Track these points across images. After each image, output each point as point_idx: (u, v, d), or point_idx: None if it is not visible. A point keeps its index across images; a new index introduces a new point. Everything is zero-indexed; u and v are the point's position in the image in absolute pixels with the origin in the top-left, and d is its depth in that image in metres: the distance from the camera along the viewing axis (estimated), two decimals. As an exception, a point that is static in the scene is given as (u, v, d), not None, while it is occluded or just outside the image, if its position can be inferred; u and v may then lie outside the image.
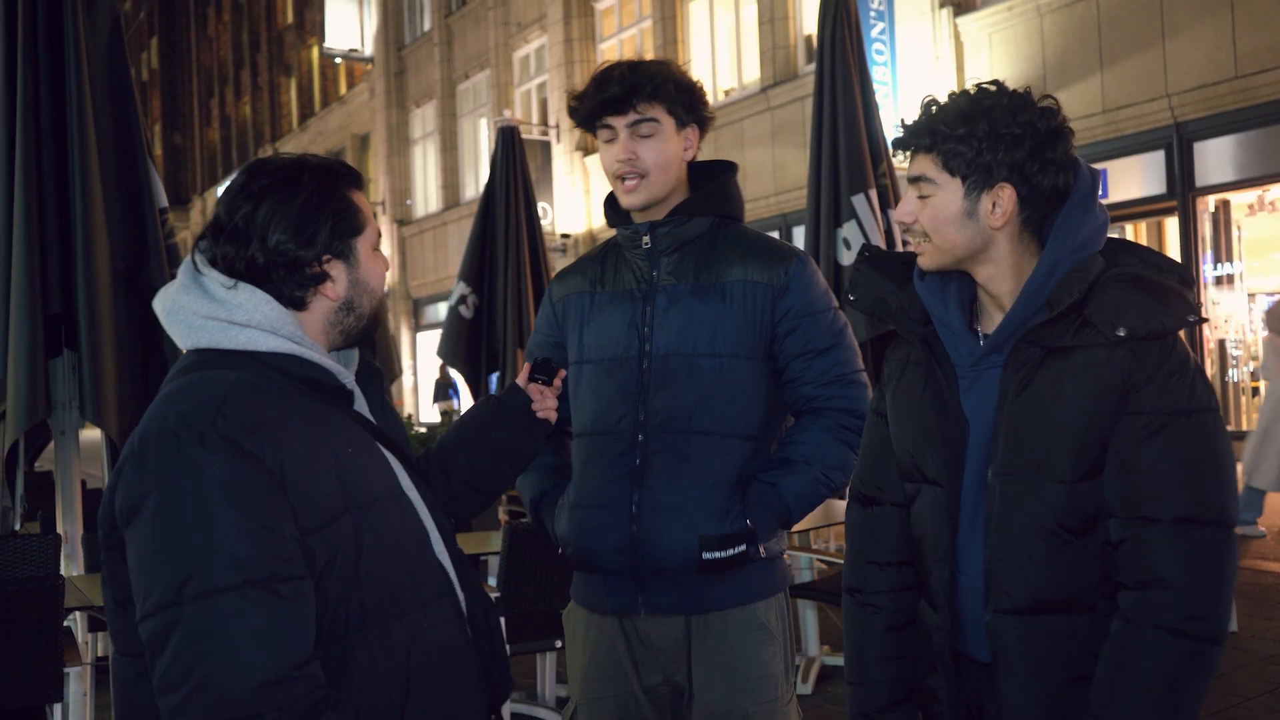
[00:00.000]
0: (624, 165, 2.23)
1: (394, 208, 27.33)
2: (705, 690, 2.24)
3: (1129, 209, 12.23)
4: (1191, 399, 1.68)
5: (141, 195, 4.08)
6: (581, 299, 2.36)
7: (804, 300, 2.26)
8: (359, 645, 1.53)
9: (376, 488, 1.61)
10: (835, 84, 5.57)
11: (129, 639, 1.52)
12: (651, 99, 2.23)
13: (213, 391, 1.51)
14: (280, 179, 1.60)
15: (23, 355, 3.59)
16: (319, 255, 1.61)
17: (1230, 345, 11.96)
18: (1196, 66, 11.24)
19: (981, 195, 1.76)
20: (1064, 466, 1.71)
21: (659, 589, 2.23)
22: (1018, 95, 1.78)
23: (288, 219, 1.58)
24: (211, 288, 1.59)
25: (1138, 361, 1.68)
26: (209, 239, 1.62)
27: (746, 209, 2.47)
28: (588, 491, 2.27)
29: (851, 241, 5.44)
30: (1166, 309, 1.69)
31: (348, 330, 1.70)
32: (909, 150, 1.83)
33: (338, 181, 1.64)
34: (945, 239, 1.79)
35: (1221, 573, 1.66)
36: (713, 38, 17.86)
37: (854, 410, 2.27)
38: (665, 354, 2.23)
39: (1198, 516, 1.65)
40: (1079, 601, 1.73)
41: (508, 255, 7.78)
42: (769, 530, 2.24)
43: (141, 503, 1.44)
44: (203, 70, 43.15)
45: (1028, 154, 1.73)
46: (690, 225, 2.28)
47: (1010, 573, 1.75)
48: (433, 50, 25.54)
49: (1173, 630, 1.64)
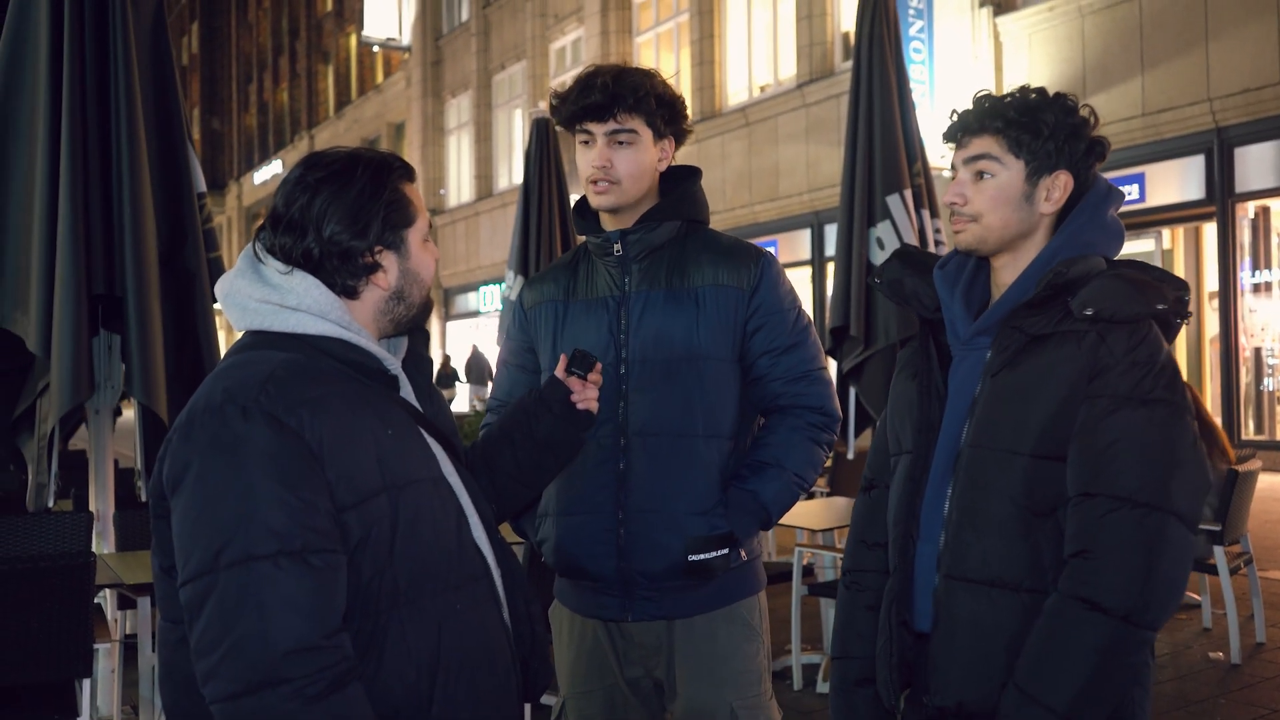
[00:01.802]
0: (598, 171, 2.27)
1: (427, 197, 27.44)
2: (689, 686, 2.28)
3: (1167, 214, 12.09)
4: (1153, 389, 1.74)
5: (181, 179, 4.11)
6: (554, 307, 2.39)
7: (771, 298, 2.31)
8: (391, 623, 1.57)
9: (415, 470, 1.65)
10: (872, 82, 5.54)
11: (173, 605, 1.58)
12: (632, 110, 2.26)
13: (260, 369, 1.57)
14: (335, 171, 1.66)
15: (68, 336, 3.62)
16: (371, 246, 1.66)
17: (1266, 354, 11.82)
18: (1239, 70, 11.09)
19: (1040, 180, 1.87)
20: (1028, 443, 1.79)
21: (646, 595, 2.27)
22: (1064, 97, 1.89)
23: (342, 210, 1.64)
24: (268, 274, 1.66)
25: (1106, 348, 1.76)
26: (268, 229, 1.69)
27: (780, 205, 2.51)
28: (572, 498, 2.30)
29: (885, 241, 5.41)
30: (1138, 297, 1.77)
31: (398, 319, 1.75)
32: (974, 133, 1.90)
33: (390, 174, 1.69)
34: (999, 218, 1.88)
35: (1150, 556, 1.69)
36: (750, 33, 17.80)
37: (820, 407, 2.33)
38: (642, 359, 2.27)
39: (1133, 497, 1.70)
40: (1027, 582, 1.79)
41: (540, 247, 7.84)
42: (749, 535, 2.30)
43: (185, 472, 1.51)
44: (242, 56, 43.47)
45: (1086, 148, 1.87)
46: (659, 231, 2.32)
47: (968, 541, 1.83)
48: (470, 40, 25.60)
49: (1089, 602, 1.70)
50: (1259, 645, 5.34)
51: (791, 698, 4.71)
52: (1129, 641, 1.69)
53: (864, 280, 5.38)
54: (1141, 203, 12.07)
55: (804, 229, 16.25)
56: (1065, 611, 1.72)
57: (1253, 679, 4.86)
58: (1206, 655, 5.22)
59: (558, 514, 2.32)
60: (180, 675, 1.58)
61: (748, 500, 2.26)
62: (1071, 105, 1.88)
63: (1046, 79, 12.85)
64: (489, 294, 24.15)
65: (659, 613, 2.28)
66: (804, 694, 4.77)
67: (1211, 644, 5.39)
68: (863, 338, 5.35)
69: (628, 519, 2.24)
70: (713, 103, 18.02)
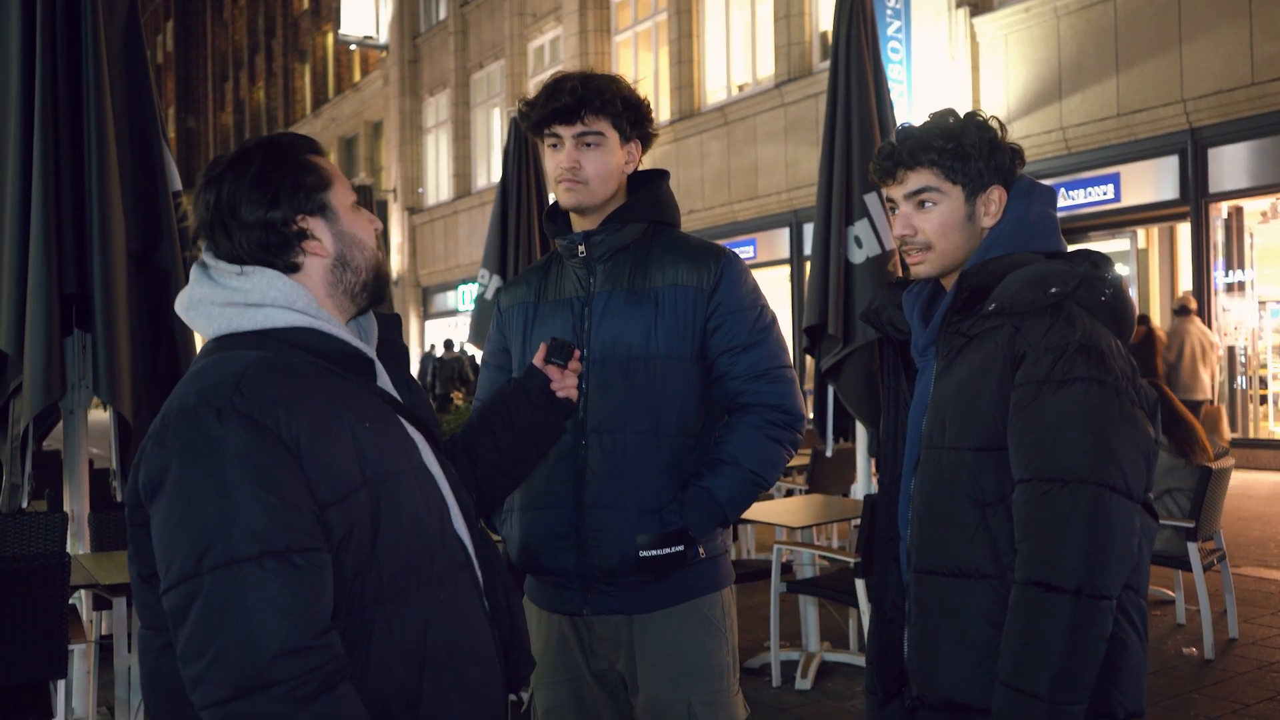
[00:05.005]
0: (566, 172, 2.32)
1: (405, 196, 27.34)
2: (648, 681, 2.31)
3: (1141, 214, 12.19)
4: (1070, 369, 1.81)
5: (156, 177, 4.09)
6: (525, 309, 2.44)
7: (730, 296, 2.33)
8: (377, 617, 1.57)
9: (395, 461, 1.64)
10: (850, 81, 5.56)
11: (153, 614, 1.57)
12: (599, 113, 2.31)
13: (232, 369, 1.55)
14: (232, 160, 1.68)
15: (39, 335, 3.60)
16: (290, 214, 1.66)
17: (1239, 353, 11.93)
18: (1213, 72, 11.19)
19: (977, 199, 2.00)
20: (970, 438, 1.89)
21: (604, 590, 2.30)
22: (975, 115, 2.04)
23: (247, 188, 1.64)
24: (221, 278, 1.65)
25: (1022, 337, 1.86)
26: (201, 237, 1.69)
27: (759, 204, 2.54)
28: (533, 494, 2.34)
29: (863, 240, 5.42)
30: (1035, 287, 1.87)
31: (350, 288, 1.73)
32: (909, 168, 2.01)
33: (288, 147, 1.70)
34: (950, 243, 2.00)
35: (1090, 530, 1.75)
36: (728, 32, 17.83)
37: (780, 405, 2.34)
38: (602, 359, 2.31)
39: (1062, 476, 1.78)
40: (986, 567, 1.87)
41: (519, 245, 7.82)
42: (705, 532, 2.32)
43: (163, 478, 1.49)
44: (217, 54, 43.20)
45: (1008, 158, 2.00)
46: (624, 232, 2.36)
47: (928, 536, 1.95)
48: (447, 39, 25.54)
49: (1043, 584, 1.77)
50: (1232, 641, 5.39)
51: (770, 695, 4.73)
52: (1090, 614, 1.75)
53: (842, 278, 5.40)
54: (1116, 202, 12.17)
55: (783, 228, 16.29)
56: (1025, 599, 1.79)
57: (1226, 674, 4.91)
58: (1180, 650, 5.26)
59: (521, 509, 2.36)
60: (166, 683, 1.56)
61: (703, 497, 2.29)
62: (983, 121, 2.02)
63: (1023, 79, 12.93)
64: (467, 292, 24.10)
65: (618, 607, 2.31)
66: (783, 690, 4.79)
67: (1185, 639, 5.43)
68: (841, 336, 5.36)
69: (585, 515, 2.28)
70: (691, 102, 18.04)
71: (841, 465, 6.89)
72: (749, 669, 4.99)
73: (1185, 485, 5.46)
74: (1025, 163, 2.05)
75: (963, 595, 1.89)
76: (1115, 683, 1.84)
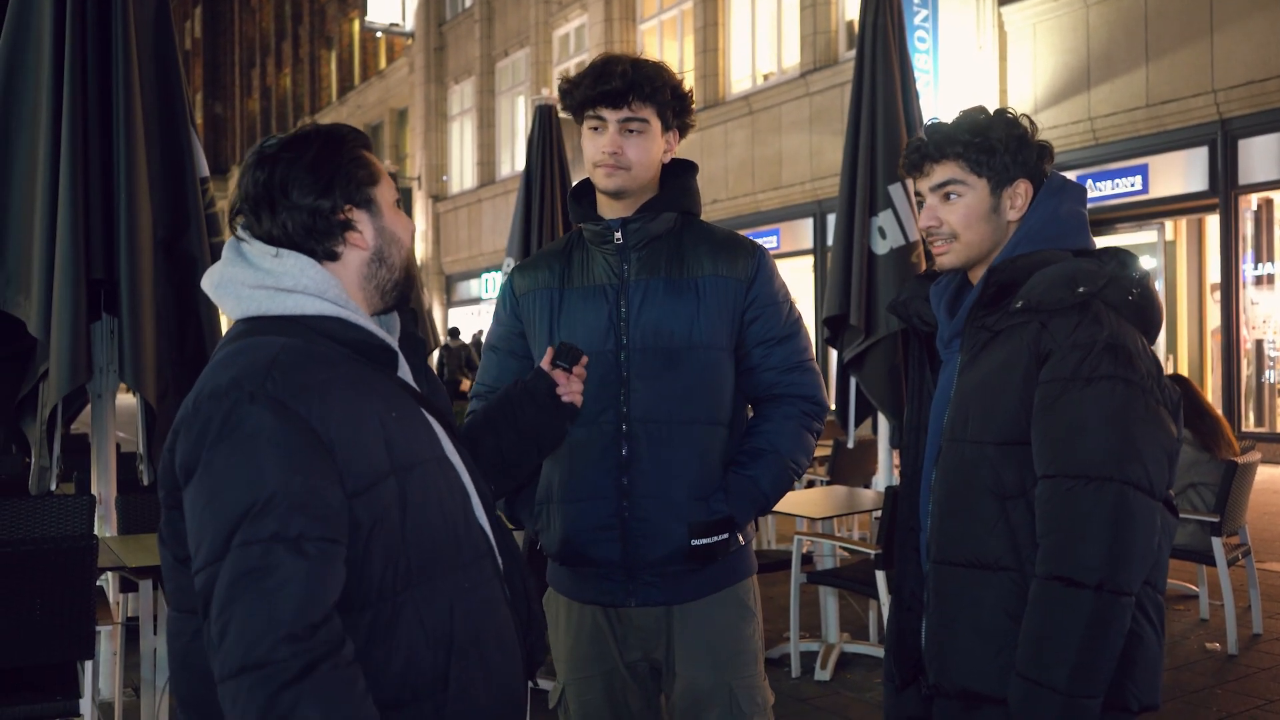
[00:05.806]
0: (609, 157, 2.30)
1: (429, 183, 27.41)
2: (688, 668, 2.32)
3: (1170, 205, 12.07)
4: (1096, 368, 1.83)
5: (183, 163, 4.12)
6: (549, 294, 2.39)
7: (767, 290, 2.36)
8: (405, 604, 1.58)
9: (420, 450, 1.66)
10: (876, 71, 5.53)
11: (185, 596, 1.59)
12: (647, 100, 2.29)
13: (263, 354, 1.57)
14: (287, 143, 1.69)
15: (66, 320, 3.64)
16: (339, 203, 1.67)
17: (1268, 346, 11.81)
18: (1244, 62, 11.06)
19: (1003, 192, 2.02)
20: (993, 432, 1.92)
21: (649, 580, 2.30)
22: (1005, 111, 2.06)
23: (301, 172, 1.65)
24: (255, 258, 1.66)
25: (1048, 334, 1.88)
26: (244, 214, 1.69)
27: (783, 194, 2.57)
28: (575, 485, 2.32)
29: (887, 230, 5.39)
30: (1063, 285, 1.89)
31: (382, 284, 1.75)
32: (935, 161, 2.05)
33: (344, 139, 1.72)
34: (975, 233, 2.03)
35: (1113, 526, 1.77)
36: (754, 21, 17.75)
37: (812, 397, 2.39)
38: (643, 347, 2.30)
39: (1087, 472, 1.80)
40: (1005, 560, 1.90)
41: (543, 233, 7.84)
42: (749, 520, 2.35)
43: (196, 460, 1.51)
44: (245, 41, 43.38)
45: (1036, 154, 2.03)
46: (658, 221, 2.35)
47: (948, 528, 1.97)
48: (473, 27, 25.54)
49: (1064, 579, 1.79)
50: (1256, 636, 5.35)
51: (789, 685, 4.73)
52: (1110, 610, 1.78)
53: (865, 269, 5.37)
54: (1144, 194, 12.05)
55: (806, 218, 16.23)
56: (1045, 593, 1.81)
57: (1249, 669, 4.88)
58: (1204, 646, 5.23)
59: (561, 501, 2.33)
60: (197, 668, 1.58)
61: (748, 486, 2.31)
62: (1013, 118, 2.05)
63: (1051, 69, 12.83)
64: (491, 280, 24.14)
65: (661, 598, 2.31)
66: (802, 681, 4.79)
67: (1209, 635, 5.40)
68: (863, 327, 5.35)
69: (631, 505, 2.27)
70: (716, 91, 17.98)
71: (863, 456, 6.88)
72: (768, 659, 4.99)
73: (1210, 480, 5.43)
74: (1054, 159, 2.07)
75: (981, 586, 1.91)
76: (1130, 676, 1.85)
